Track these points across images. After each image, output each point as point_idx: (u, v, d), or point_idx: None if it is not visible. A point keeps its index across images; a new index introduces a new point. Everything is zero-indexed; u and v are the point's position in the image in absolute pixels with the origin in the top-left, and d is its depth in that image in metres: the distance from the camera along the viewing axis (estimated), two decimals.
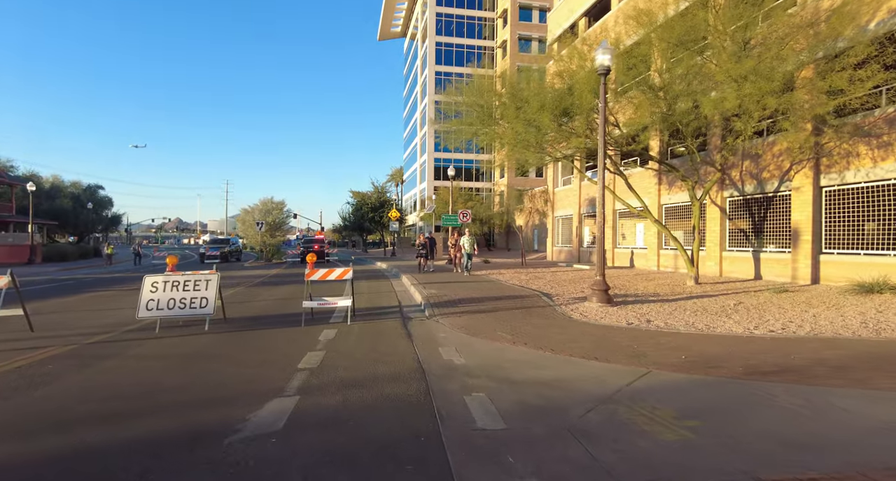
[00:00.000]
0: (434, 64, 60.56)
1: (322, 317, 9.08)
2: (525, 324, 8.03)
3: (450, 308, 9.83)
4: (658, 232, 18.64)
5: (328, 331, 7.71)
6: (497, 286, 13.55)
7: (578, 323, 8.26)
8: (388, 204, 47.13)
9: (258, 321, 8.96)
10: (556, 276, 16.43)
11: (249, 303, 11.53)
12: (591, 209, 23.50)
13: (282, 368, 5.48)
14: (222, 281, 8.76)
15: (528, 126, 11.29)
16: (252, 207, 33.46)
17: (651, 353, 5.94)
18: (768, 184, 13.75)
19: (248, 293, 14.03)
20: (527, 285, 13.68)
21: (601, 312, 9.25)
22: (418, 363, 5.62)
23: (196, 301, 8.19)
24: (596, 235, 9.97)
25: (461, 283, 14.31)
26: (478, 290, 12.50)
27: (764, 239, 14.33)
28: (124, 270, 26.78)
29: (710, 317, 8.39)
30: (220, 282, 8.53)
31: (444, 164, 59.92)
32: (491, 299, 10.89)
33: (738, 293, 11.48)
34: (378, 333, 7.57)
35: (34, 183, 51.24)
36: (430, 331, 7.77)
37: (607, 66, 9.70)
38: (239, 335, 7.64)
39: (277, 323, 8.72)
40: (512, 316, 8.91)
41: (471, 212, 23.87)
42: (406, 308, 10.42)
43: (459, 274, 17.41)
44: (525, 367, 5.42)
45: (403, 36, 79.63)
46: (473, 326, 7.91)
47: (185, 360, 5.98)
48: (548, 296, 11.26)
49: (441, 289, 12.61)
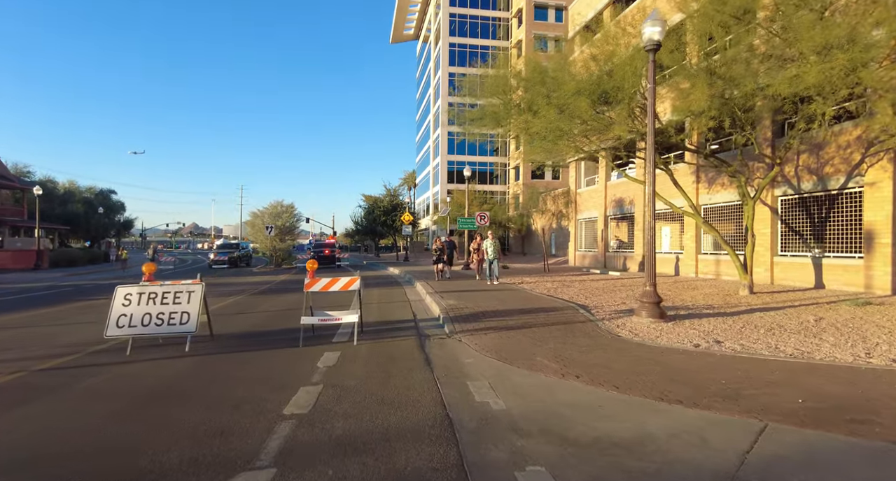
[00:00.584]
0: (447, 65, 59.48)
1: (324, 335, 7.74)
2: (568, 346, 6.59)
3: (473, 323, 8.43)
4: (695, 235, 17.03)
5: (329, 355, 6.37)
6: (523, 296, 12.11)
7: (632, 344, 6.80)
8: (401, 207, 45.91)
9: (250, 339, 7.66)
10: (586, 284, 14.92)
11: (246, 315, 10.26)
12: (619, 210, 21.92)
13: (263, 414, 4.14)
14: (226, 288, 7.55)
15: (560, 113, 9.86)
16: (261, 211, 32.42)
17: (748, 392, 4.48)
18: (832, 179, 12.11)
19: (249, 302, 12.78)
20: (556, 294, 12.21)
21: (655, 330, 7.77)
22: (443, 407, 4.24)
23: (176, 316, 6.91)
24: (645, 238, 8.50)
25: (482, 292, 12.89)
26: (502, 301, 11.08)
27: (826, 242, 12.67)
28: (135, 275, 25.87)
29: (795, 338, 6.86)
30: (204, 293, 7.25)
31: (458, 167, 58.69)
32: (519, 312, 9.46)
33: (806, 305, 9.89)
34: (389, 358, 6.20)
35: (48, 188, 51.42)
36: (454, 354, 6.38)
37: (657, 41, 8.27)
38: (222, 360, 6.33)
39: (272, 341, 7.41)
40: (549, 334, 7.48)
41: (489, 214, 22.47)
42: (422, 323, 9.04)
43: (480, 281, 15.81)
44: (589, 416, 4.00)
45: (416, 38, 78.82)
46: (506, 348, 6.50)
47: (145, 400, 4.67)
48: (585, 309, 9.80)
49: (461, 300, 11.20)
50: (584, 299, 11.32)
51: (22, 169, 53.63)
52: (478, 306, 10.20)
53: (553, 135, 10.30)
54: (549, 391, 4.72)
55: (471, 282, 15.83)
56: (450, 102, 59.01)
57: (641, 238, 20.07)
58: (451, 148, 59.83)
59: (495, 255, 15.21)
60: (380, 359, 6.12)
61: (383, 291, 15.07)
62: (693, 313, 9.24)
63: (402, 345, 7.05)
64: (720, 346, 6.54)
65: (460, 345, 6.95)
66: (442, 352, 6.58)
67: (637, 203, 20.25)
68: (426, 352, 6.51)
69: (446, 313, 9.30)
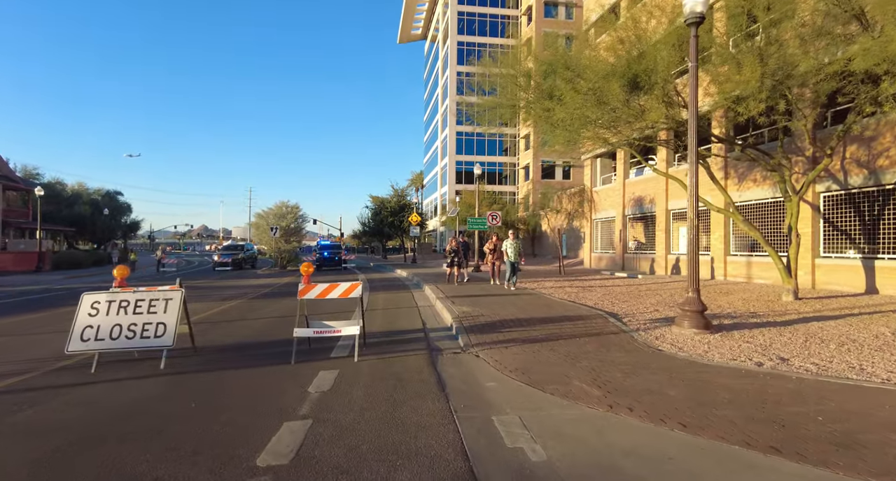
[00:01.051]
0: (456, 64, 58.59)
1: (322, 348, 6.78)
2: (607, 366, 5.56)
3: (491, 334, 7.42)
4: (723, 235, 15.88)
5: (325, 375, 5.39)
6: (543, 301, 11.06)
7: (680, 362, 5.76)
8: (409, 208, 44.96)
9: (237, 353, 6.71)
10: (608, 289, 13.84)
11: (240, 323, 9.33)
12: (638, 210, 20.79)
13: (228, 466, 3.16)
14: (226, 291, 6.69)
15: (586, 100, 8.81)
16: (266, 211, 31.64)
17: (866, 436, 3.43)
18: (887, 173, 10.94)
19: (246, 307, 11.86)
20: (579, 300, 11.16)
21: (701, 343, 6.71)
22: (465, 458, 3.23)
23: (150, 328, 5.98)
24: (689, 237, 7.44)
25: (497, 298, 11.86)
26: (521, 308, 10.05)
27: (879, 243, 11.50)
28: (138, 277, 25.13)
29: (880, 357, 5.78)
30: (185, 300, 6.33)
31: (467, 168, 57.74)
32: (542, 321, 8.43)
33: (868, 314, 8.75)
34: (395, 380, 5.21)
35: (55, 189, 51.15)
36: (472, 374, 5.38)
37: (700, 13, 7.22)
38: (199, 381, 5.37)
39: (262, 356, 6.45)
40: (580, 349, 6.45)
41: (500, 214, 21.44)
42: (433, 333, 8.04)
43: (497, 286, 14.50)
44: (661, 475, 2.98)
45: (424, 38, 78.05)
46: (533, 368, 5.48)
47: (89, 440, 3.72)
48: (615, 317, 8.74)
49: (475, 306, 10.19)
50: (610, 305, 10.26)
51: (31, 171, 53.53)
52: (494, 313, 9.18)
53: (577, 123, 9.23)
54: (597, 431, 3.70)
55: (484, 286, 14.76)
56: (458, 102, 58.20)
57: (664, 238, 18.94)
58: (460, 148, 58.94)
59: (516, 258, 13.59)
60: (384, 382, 5.13)
61: (390, 296, 14.10)
62: (739, 322, 8.16)
63: (409, 361, 6.06)
64: (789, 366, 5.48)
65: (478, 362, 5.94)
66: (457, 371, 5.58)
67: (658, 201, 19.12)
68: (438, 372, 5.52)
69: (459, 322, 8.29)
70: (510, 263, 13.63)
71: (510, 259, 13.59)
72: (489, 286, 14.64)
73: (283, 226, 30.78)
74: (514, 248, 13.62)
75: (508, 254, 13.62)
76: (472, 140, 58.69)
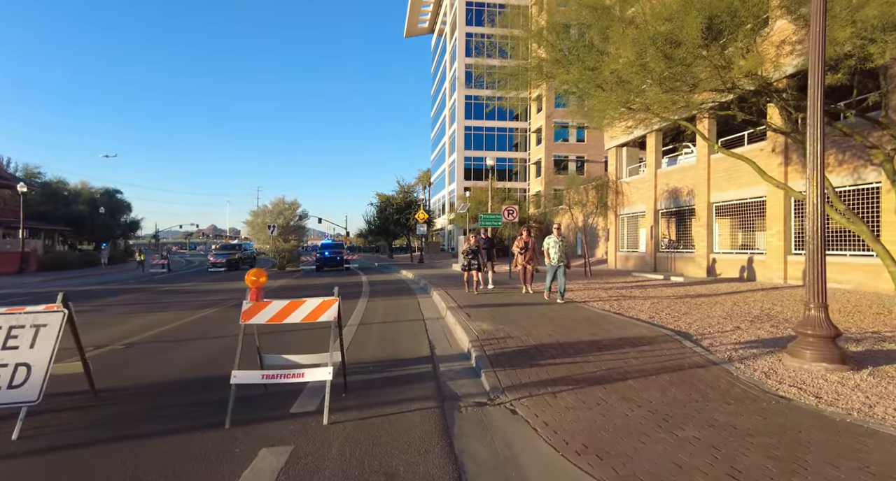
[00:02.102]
0: (464, 56, 56.34)
1: (283, 393, 4.60)
2: (730, 436, 3.35)
3: (526, 367, 5.22)
4: (782, 231, 13.51)
5: (266, 459, 3.23)
6: (582, 314, 8.81)
7: (840, 425, 3.56)
8: (415, 205, 42.75)
9: (154, 403, 4.55)
10: (653, 295, 11.56)
11: (193, 345, 7.19)
12: (673, 203, 18.43)
13: None
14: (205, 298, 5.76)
15: (643, 53, 6.55)
16: (262, 209, 29.61)
17: None
18: None
19: (216, 319, 9.73)
20: (626, 312, 8.90)
21: (848, 387, 4.47)
22: None
23: (3, 374, 3.84)
24: (811, 230, 5.18)
25: (521, 309, 9.63)
26: (557, 323, 7.81)
27: None
28: (118, 280, 23.17)
29: None
30: (72, 323, 4.18)
31: (476, 164, 55.50)
32: (593, 345, 6.20)
33: None
34: (381, 476, 3.02)
35: (53, 188, 49.59)
36: (514, 461, 3.18)
37: None
38: (62, 469, 3.22)
39: (189, 411, 4.29)
40: (665, 396, 4.27)
41: (517, 208, 19.19)
42: (445, 364, 5.83)
43: (528, 294, 11.58)
44: None
45: (431, 31, 75.85)
46: (611, 441, 3.28)
47: None
48: (689, 339, 6.50)
49: (497, 321, 7.98)
50: (671, 320, 7.99)
51: (32, 170, 52.01)
52: (524, 333, 6.95)
53: (637, 78, 6.92)
54: None
55: (510, 293, 12.14)
56: (467, 95, 55.93)
57: (704, 235, 16.59)
58: (468, 143, 56.75)
59: (561, 261, 10.18)
60: (362, 479, 2.95)
61: (391, 304, 11.92)
62: (873, 350, 5.88)
63: (409, 425, 3.86)
64: None
65: (518, 426, 3.75)
66: (487, 450, 3.38)
67: (699, 193, 16.77)
68: (457, 453, 3.32)
69: (480, 347, 6.08)
70: (553, 268, 10.39)
71: (553, 262, 10.34)
72: (517, 294, 11.78)
73: (280, 224, 28.72)
74: (558, 248, 10.23)
75: (551, 256, 10.36)
76: (480, 135, 56.48)
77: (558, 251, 10.22)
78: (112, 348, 7.00)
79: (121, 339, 7.65)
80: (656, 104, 7.23)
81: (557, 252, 10.21)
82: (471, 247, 12.03)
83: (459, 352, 6.39)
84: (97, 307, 12.53)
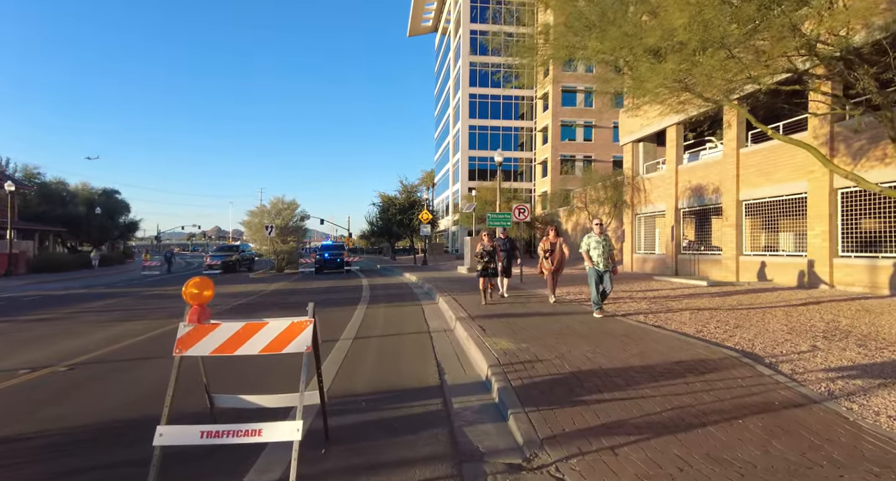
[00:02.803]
0: (468, 54, 55.10)
1: (232, 458, 3.34)
2: None
3: (567, 405, 3.95)
4: (826, 231, 12.17)
5: None
6: (620, 328, 7.51)
7: None
8: (419, 205, 41.49)
9: (54, 471, 3.29)
10: (689, 305, 10.27)
11: (152, 365, 5.94)
12: (697, 201, 17.11)
13: None
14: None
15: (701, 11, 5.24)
16: (260, 209, 28.44)
17: None
18: None
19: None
20: (668, 326, 7.60)
21: None
22: None
23: None
24: None
25: (542, 320, 8.35)
26: (593, 341, 6.51)
27: None
28: (116, 282, 21.97)
29: None
30: None
31: (480, 164, 54.26)
32: (645, 373, 4.92)
33: None
34: None
35: (52, 188, 48.61)
36: None
37: None
38: None
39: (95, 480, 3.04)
40: (769, 456, 3.05)
41: (529, 207, 17.92)
42: (459, 399, 4.55)
43: (552, 302, 9.90)
44: None
45: (435, 30, 74.74)
46: None
47: None
48: (762, 363, 5.20)
49: (517, 338, 6.70)
50: (724, 335, 6.70)
51: (32, 170, 51.03)
52: (555, 354, 5.67)
53: (696, 37, 5.57)
54: None
55: (526, 300, 10.71)
56: (471, 93, 54.73)
57: (733, 236, 15.27)
58: (473, 142, 55.55)
59: (608, 265, 8.15)
60: None
61: (392, 312, 10.67)
62: None
63: None
64: None
65: None
66: None
67: (726, 190, 15.46)
68: None
69: (503, 374, 4.81)
70: (596, 273, 8.13)
71: (598, 266, 8.10)
72: (536, 302, 10.19)
73: (279, 225, 27.52)
74: (602, 249, 8.11)
75: (593, 259, 8.12)
76: (485, 134, 55.26)
77: (603, 252, 8.11)
78: (53, 370, 5.77)
79: (70, 357, 6.42)
80: (717, 72, 5.90)
81: (602, 253, 8.11)
82: (485, 248, 10.12)
83: (476, 381, 5.11)
84: (69, 314, 11.34)
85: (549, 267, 10.00)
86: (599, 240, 8.15)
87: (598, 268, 8.14)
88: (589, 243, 8.23)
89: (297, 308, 11.60)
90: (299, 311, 3.37)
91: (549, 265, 9.98)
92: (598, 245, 8.15)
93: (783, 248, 14.24)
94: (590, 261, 8.18)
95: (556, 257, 9.99)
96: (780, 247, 14.38)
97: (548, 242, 10.16)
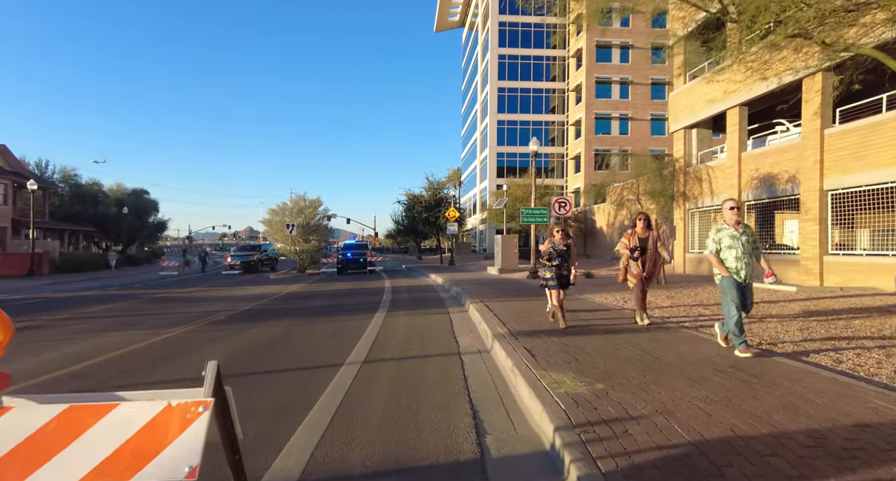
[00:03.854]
0: (497, 47, 53.03)
1: None
2: None
3: None
4: None
5: None
6: (755, 368, 5.61)
7: None
8: (445, 202, 39.77)
9: None
10: (798, 312, 8.19)
11: None
12: (767, 192, 14.80)
13: None
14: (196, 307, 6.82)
15: None
16: (281, 206, 27.29)
17: None
18: None
19: (174, 347, 7.00)
20: (821, 362, 5.65)
21: None
22: None
23: None
24: None
25: (627, 340, 6.50)
26: (720, 389, 4.65)
27: None
28: (132, 283, 21.16)
29: None
30: None
31: (509, 161, 52.23)
32: (826, 453, 3.03)
33: None
34: None
35: (84, 189, 49.22)
36: None
37: None
38: None
39: None
40: None
41: (570, 201, 15.99)
42: None
43: (645, 325, 6.98)
44: None
45: (462, 25, 72.97)
46: None
47: None
48: None
49: (588, 371, 4.86)
50: (860, 364, 4.71)
51: (69, 172, 51.91)
52: (656, 405, 3.81)
53: None
54: None
55: (595, 312, 8.62)
56: (500, 87, 52.72)
57: (816, 232, 12.95)
58: (501, 138, 53.52)
59: (750, 271, 5.21)
60: None
61: (415, 322, 8.97)
62: None
63: None
64: None
65: None
66: None
67: (805, 178, 13.15)
68: None
69: (580, 441, 3.01)
70: (735, 286, 5.14)
71: (738, 276, 5.19)
72: (602, 317, 7.82)
73: (300, 223, 26.30)
74: (743, 248, 5.17)
75: (728, 265, 5.23)
76: (514, 129, 53.15)
77: (744, 254, 5.17)
78: None
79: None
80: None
81: (743, 255, 5.16)
82: (555, 247, 7.25)
83: (535, 449, 3.32)
84: (55, 322, 10.15)
85: (637, 272, 6.97)
86: (736, 235, 5.19)
87: (737, 279, 5.18)
88: (719, 239, 5.27)
89: (305, 317, 10.05)
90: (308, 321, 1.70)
91: (639, 270, 6.96)
92: (736, 242, 5.18)
93: (883, 247, 11.86)
94: (722, 268, 5.23)
95: (648, 258, 6.92)
96: (879, 246, 11.99)
97: (634, 236, 6.98)
